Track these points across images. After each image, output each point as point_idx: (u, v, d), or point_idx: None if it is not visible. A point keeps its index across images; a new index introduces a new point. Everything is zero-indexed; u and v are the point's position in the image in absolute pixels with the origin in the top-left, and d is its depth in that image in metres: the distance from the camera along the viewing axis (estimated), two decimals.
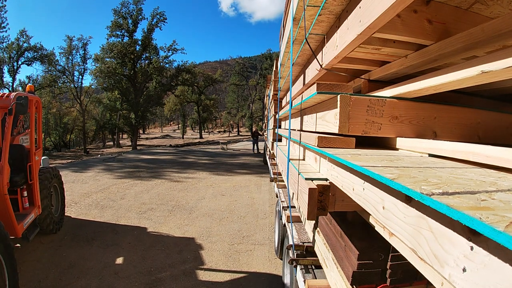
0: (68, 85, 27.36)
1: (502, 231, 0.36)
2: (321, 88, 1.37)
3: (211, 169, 12.27)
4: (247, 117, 42.47)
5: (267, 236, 5.16)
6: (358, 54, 1.47)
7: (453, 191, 0.54)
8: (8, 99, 4.02)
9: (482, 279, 0.43)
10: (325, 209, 1.29)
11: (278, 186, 4.40)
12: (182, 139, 38.02)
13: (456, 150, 0.93)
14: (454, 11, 1.19)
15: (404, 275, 1.26)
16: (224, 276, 3.86)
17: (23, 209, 4.09)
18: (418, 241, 0.62)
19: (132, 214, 6.25)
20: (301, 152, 2.01)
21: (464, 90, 1.47)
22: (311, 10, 1.44)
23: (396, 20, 1.14)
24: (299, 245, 2.37)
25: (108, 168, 12.69)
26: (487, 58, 0.79)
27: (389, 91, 1.38)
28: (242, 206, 6.96)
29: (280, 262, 4.12)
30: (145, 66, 26.99)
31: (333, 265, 1.49)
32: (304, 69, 2.42)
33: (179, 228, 5.49)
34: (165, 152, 20.44)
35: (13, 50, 24.11)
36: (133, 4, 25.73)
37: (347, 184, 1.08)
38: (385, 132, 1.31)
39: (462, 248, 0.48)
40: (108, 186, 8.83)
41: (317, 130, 1.66)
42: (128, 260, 4.20)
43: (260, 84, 39.41)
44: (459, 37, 1.03)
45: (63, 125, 30.38)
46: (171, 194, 8.01)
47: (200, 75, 34.80)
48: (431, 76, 1.06)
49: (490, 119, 1.42)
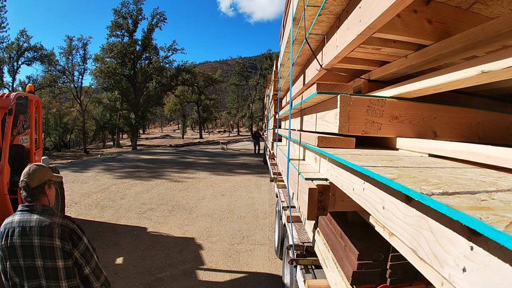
0: (68, 85, 27.35)
1: (502, 231, 0.36)
2: (321, 88, 1.37)
3: (211, 169, 12.27)
4: (247, 117, 42.48)
5: (267, 236, 5.16)
6: (358, 54, 1.47)
7: (453, 191, 0.54)
8: (8, 99, 4.02)
9: (482, 279, 0.43)
10: (325, 209, 1.28)
11: (278, 186, 4.41)
12: (182, 139, 38.02)
13: (456, 150, 0.93)
14: (454, 11, 1.19)
15: (404, 275, 1.26)
16: (224, 276, 3.86)
17: None
18: (418, 241, 0.62)
19: (132, 214, 6.25)
20: (301, 152, 2.01)
21: (464, 90, 1.48)
22: (311, 10, 1.44)
23: (396, 20, 1.14)
24: (299, 245, 2.37)
25: (108, 168, 12.69)
26: (487, 58, 0.79)
27: (389, 91, 1.38)
28: (242, 206, 6.96)
29: (280, 262, 4.12)
30: (145, 66, 26.98)
31: (333, 265, 1.49)
32: (304, 69, 2.42)
33: (179, 228, 5.49)
34: (165, 152, 20.44)
35: (13, 50, 24.10)
36: (133, 4, 25.73)
37: (347, 184, 1.08)
38: (385, 132, 1.31)
39: (462, 248, 0.48)
40: (108, 186, 8.83)
41: (317, 130, 1.66)
42: (128, 260, 4.20)
43: (260, 84, 39.41)
44: (459, 37, 1.03)
45: (63, 125, 30.35)
46: (171, 194, 8.01)
47: (200, 75, 34.78)
48: (431, 76, 1.06)
49: (490, 119, 1.42)
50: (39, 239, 1.51)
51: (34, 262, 1.52)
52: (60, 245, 1.53)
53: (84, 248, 1.60)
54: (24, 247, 1.51)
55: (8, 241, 1.51)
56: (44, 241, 1.51)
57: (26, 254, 1.52)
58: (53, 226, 1.53)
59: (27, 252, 1.52)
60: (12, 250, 1.52)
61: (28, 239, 1.51)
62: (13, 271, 1.54)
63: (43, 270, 1.53)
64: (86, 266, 1.62)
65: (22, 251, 1.51)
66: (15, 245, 1.51)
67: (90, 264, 1.63)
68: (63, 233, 1.54)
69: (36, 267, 1.53)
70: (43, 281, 1.54)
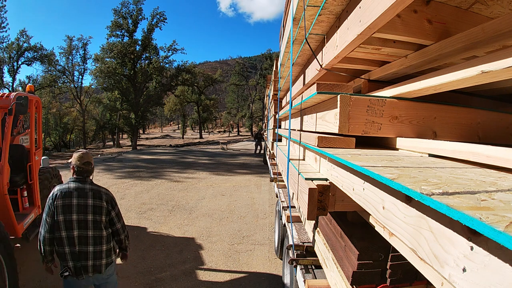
0: (68, 85, 27.38)
1: (502, 231, 0.36)
2: (321, 88, 1.36)
3: (211, 169, 12.27)
4: (247, 117, 42.48)
5: (267, 236, 5.16)
6: (358, 54, 1.47)
7: (453, 191, 0.54)
8: (8, 99, 4.02)
9: (482, 279, 0.43)
10: (325, 209, 1.28)
11: (278, 186, 4.40)
12: (182, 139, 38.02)
13: (456, 150, 0.93)
14: (454, 11, 1.19)
15: (404, 275, 1.26)
16: (224, 276, 3.86)
17: (23, 209, 4.09)
18: (418, 241, 0.62)
19: (132, 214, 6.25)
20: (301, 152, 2.01)
21: (464, 90, 1.47)
22: (311, 10, 1.44)
23: (396, 20, 1.14)
24: (299, 245, 2.37)
25: (108, 168, 12.69)
26: (487, 58, 0.79)
27: (389, 91, 1.38)
28: (242, 206, 6.96)
29: (280, 262, 4.12)
30: (145, 66, 26.98)
31: (333, 265, 1.49)
32: (304, 69, 2.42)
33: (179, 228, 5.49)
34: (165, 152, 20.44)
35: (13, 50, 24.12)
36: (133, 4, 25.73)
37: (347, 184, 1.08)
38: (385, 132, 1.30)
39: (462, 248, 0.48)
40: (108, 186, 8.83)
41: (317, 130, 1.66)
42: (128, 260, 4.20)
43: (260, 84, 39.40)
44: (459, 37, 1.03)
45: (63, 125, 30.36)
46: (171, 194, 8.01)
47: (200, 75, 34.77)
48: (431, 76, 1.06)
49: (490, 119, 1.42)
50: (92, 200, 2.15)
51: (86, 216, 2.13)
52: (106, 205, 2.19)
53: (118, 210, 2.30)
54: (80, 206, 2.11)
55: (66, 201, 2.10)
56: (96, 202, 2.15)
57: (81, 210, 2.11)
58: (102, 193, 2.20)
59: (82, 209, 2.12)
60: (68, 208, 2.09)
61: (84, 200, 2.13)
62: (64, 224, 2.09)
63: (92, 222, 2.14)
64: (118, 222, 2.28)
65: (77, 208, 2.11)
66: (72, 203, 2.10)
67: (120, 222, 2.30)
68: (108, 197, 2.22)
69: (87, 220, 2.13)
70: (89, 231, 2.14)
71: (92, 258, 2.15)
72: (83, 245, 2.13)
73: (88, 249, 2.14)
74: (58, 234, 2.10)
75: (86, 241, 2.13)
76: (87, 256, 2.14)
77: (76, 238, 2.11)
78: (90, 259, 2.15)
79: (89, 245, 2.14)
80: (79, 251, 2.13)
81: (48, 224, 2.11)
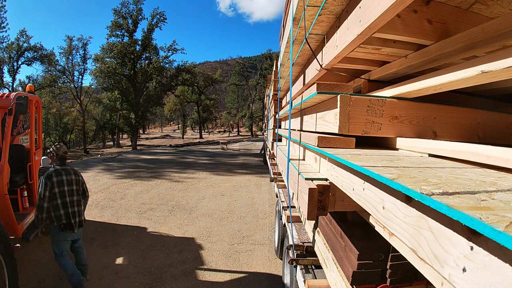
0: (68, 85, 27.36)
1: (502, 231, 0.36)
2: (321, 88, 1.36)
3: (211, 169, 12.28)
4: (247, 117, 42.50)
5: (267, 236, 5.16)
6: (358, 54, 1.47)
7: (453, 191, 0.54)
8: (8, 99, 4.02)
9: (482, 279, 0.43)
10: (325, 209, 1.28)
11: (278, 186, 4.40)
12: (182, 139, 38.03)
13: (456, 150, 0.93)
14: (454, 11, 1.19)
15: (404, 275, 1.26)
16: (224, 276, 3.86)
17: (23, 209, 4.09)
18: (418, 241, 0.62)
19: (132, 214, 6.25)
20: (301, 152, 2.01)
21: (464, 90, 1.48)
22: (311, 10, 1.44)
23: (396, 20, 1.14)
24: (299, 245, 2.37)
25: (108, 168, 12.69)
26: (487, 58, 0.79)
27: (389, 91, 1.38)
28: (242, 206, 6.96)
29: (280, 262, 4.12)
30: (145, 66, 26.99)
31: (333, 265, 1.49)
32: (304, 69, 2.42)
33: (179, 228, 5.49)
34: (165, 152, 20.45)
35: (13, 50, 24.12)
36: (133, 4, 25.75)
37: (347, 184, 1.08)
38: (385, 132, 1.30)
39: (462, 248, 0.48)
40: (108, 186, 8.83)
41: (317, 130, 1.66)
42: (128, 260, 4.20)
43: (260, 84, 39.42)
44: (459, 37, 1.03)
45: (63, 125, 30.36)
46: (171, 194, 8.01)
47: (200, 75, 34.79)
48: (431, 76, 1.06)
49: (490, 119, 1.42)
50: (74, 176, 3.25)
51: (72, 187, 3.19)
52: (81, 179, 3.34)
53: (84, 181, 3.40)
54: (68, 180, 3.17)
55: (59, 178, 3.11)
56: (76, 177, 3.27)
57: (70, 183, 3.18)
58: (77, 171, 3.34)
59: (69, 182, 3.18)
60: (61, 182, 3.12)
61: (69, 176, 3.20)
62: (59, 194, 3.07)
63: (76, 191, 3.23)
64: (86, 187, 3.43)
65: (67, 182, 3.16)
66: (63, 179, 3.14)
67: (85, 187, 3.41)
68: (80, 174, 3.37)
69: (73, 189, 3.20)
70: (75, 197, 3.20)
71: (78, 215, 3.19)
72: (73, 207, 3.16)
73: (75, 209, 3.18)
74: (55, 202, 3.05)
75: (73, 204, 3.17)
76: (75, 214, 3.16)
77: (69, 202, 3.13)
78: (77, 216, 3.18)
79: (76, 206, 3.18)
80: (72, 212, 3.13)
81: (47, 197, 3.01)
